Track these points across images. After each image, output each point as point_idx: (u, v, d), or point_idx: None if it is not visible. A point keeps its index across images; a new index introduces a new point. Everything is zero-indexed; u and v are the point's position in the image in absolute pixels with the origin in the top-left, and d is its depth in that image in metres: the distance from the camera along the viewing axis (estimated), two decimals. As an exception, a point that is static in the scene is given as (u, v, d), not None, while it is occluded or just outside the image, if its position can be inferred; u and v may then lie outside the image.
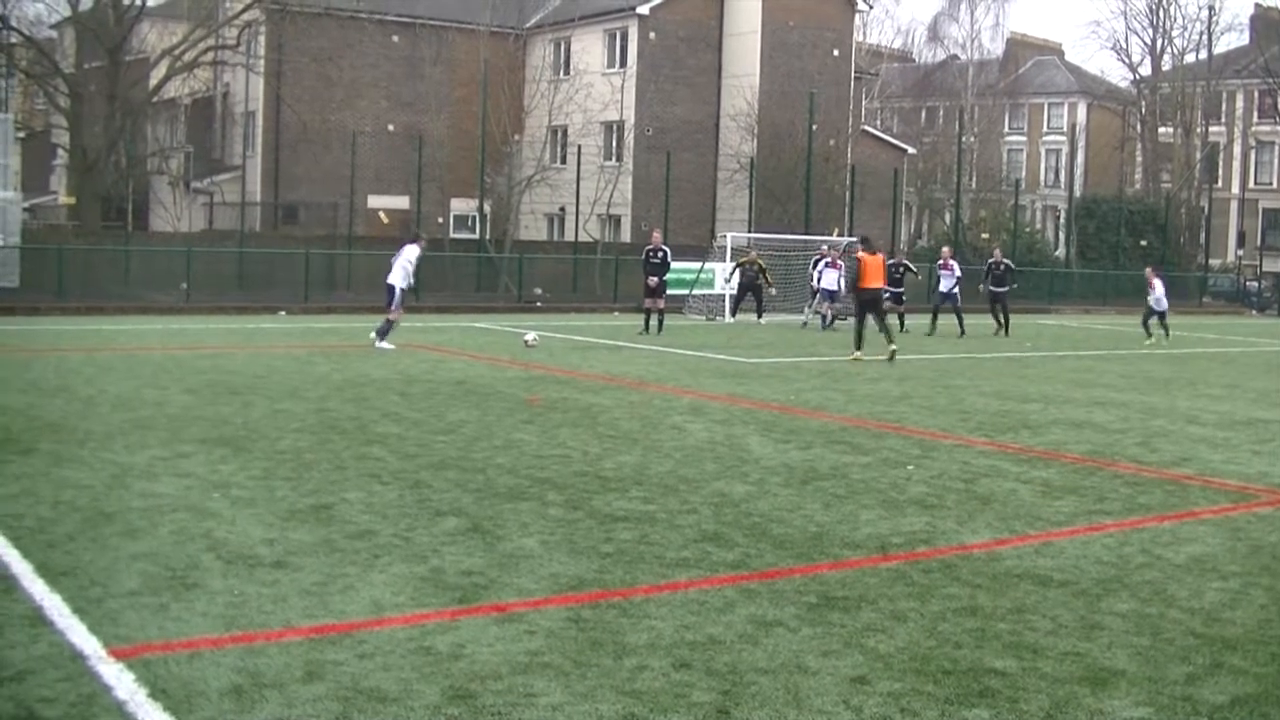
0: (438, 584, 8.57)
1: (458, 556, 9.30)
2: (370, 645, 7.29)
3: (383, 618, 7.82)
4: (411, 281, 28.22)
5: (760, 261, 40.00)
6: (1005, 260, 38.72)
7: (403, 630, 7.59)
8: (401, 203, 54.20)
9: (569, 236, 54.21)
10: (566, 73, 59.55)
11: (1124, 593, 8.93)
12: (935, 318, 37.27)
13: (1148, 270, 37.60)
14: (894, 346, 26.87)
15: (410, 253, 27.39)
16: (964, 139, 69.22)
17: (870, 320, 27.41)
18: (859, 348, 26.60)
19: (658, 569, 9.15)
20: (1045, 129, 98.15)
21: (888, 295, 37.94)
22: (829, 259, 37.95)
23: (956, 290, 36.97)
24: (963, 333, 35.55)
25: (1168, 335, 36.48)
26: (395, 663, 7.03)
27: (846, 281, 38.94)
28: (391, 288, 27.13)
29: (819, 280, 38.18)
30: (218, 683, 6.64)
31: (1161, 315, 36.59)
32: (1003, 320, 37.14)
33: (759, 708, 6.59)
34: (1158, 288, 36.24)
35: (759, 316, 39.95)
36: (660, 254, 32.70)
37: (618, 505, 11.21)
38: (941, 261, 38.20)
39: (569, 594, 8.44)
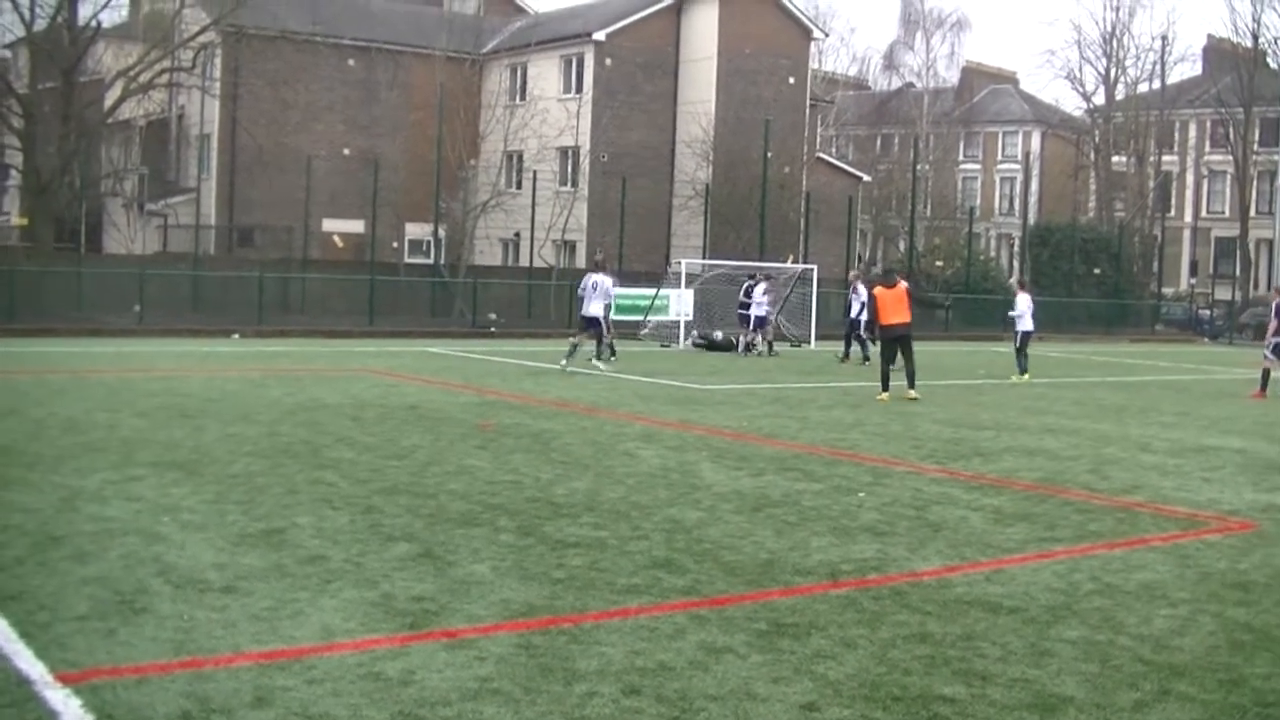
0: (388, 610, 8.55)
1: (408, 582, 9.27)
2: (320, 671, 7.26)
3: (333, 643, 7.79)
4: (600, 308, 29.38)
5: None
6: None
7: (352, 656, 7.56)
8: (356, 226, 54.07)
9: (524, 262, 54.22)
10: (522, 98, 59.57)
11: (1073, 620, 8.97)
12: (849, 344, 35.89)
13: (1017, 285, 33.93)
14: (914, 394, 24.48)
15: (606, 283, 29.25)
16: (919, 167, 69.52)
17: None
18: (885, 389, 24.68)
19: (608, 595, 9.14)
20: (1000, 157, 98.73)
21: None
22: (766, 285, 37.93)
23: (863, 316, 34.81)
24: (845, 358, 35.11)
25: (1024, 371, 31.35)
26: (345, 689, 7.00)
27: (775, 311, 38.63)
28: (595, 319, 29.01)
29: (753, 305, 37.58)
30: (165, 708, 6.60)
31: (1023, 340, 32.15)
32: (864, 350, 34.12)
33: (708, 734, 6.60)
34: (1019, 305, 32.68)
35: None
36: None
37: (569, 531, 11.20)
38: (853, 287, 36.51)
39: (519, 620, 8.42)
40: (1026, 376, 30.88)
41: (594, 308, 28.91)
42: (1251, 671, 7.98)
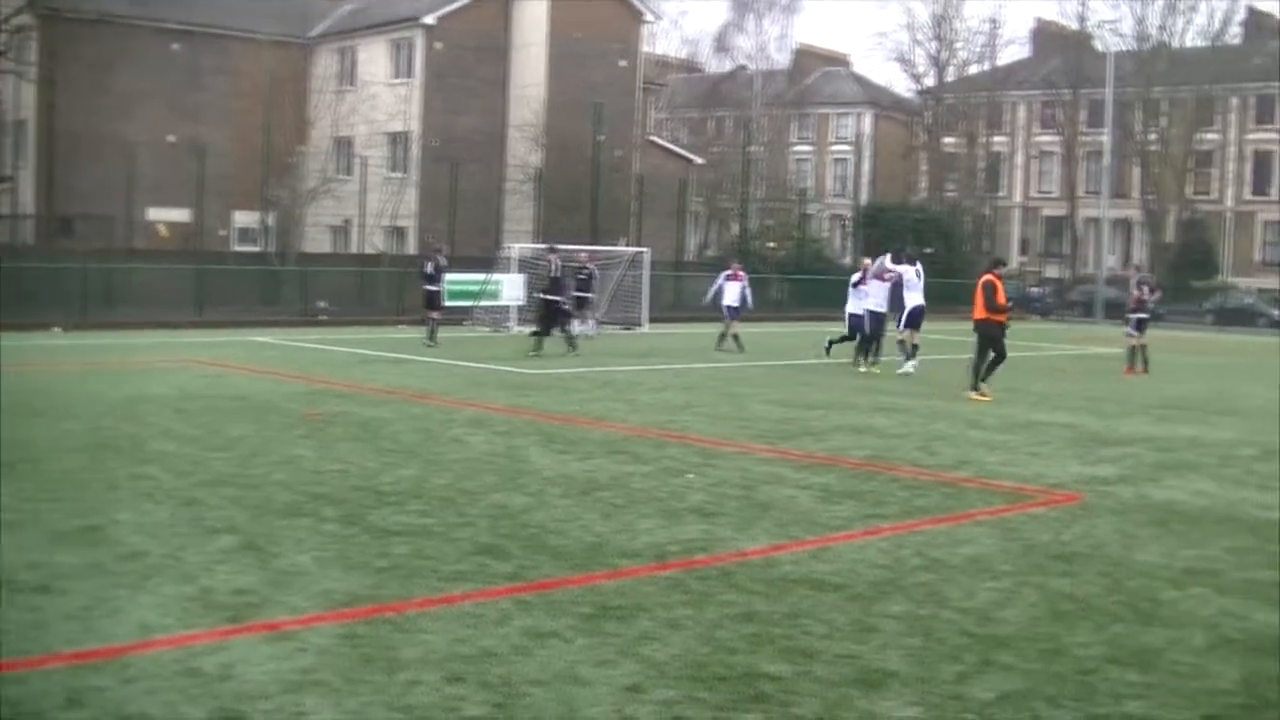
0: (208, 604, 8.40)
1: (230, 575, 9.12)
2: (135, 669, 7.11)
3: (150, 640, 7.63)
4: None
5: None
6: (562, 263, 33.10)
7: (170, 653, 7.41)
8: (182, 215, 53.14)
9: (354, 249, 53.72)
10: (352, 83, 59.05)
11: (898, 595, 9.05)
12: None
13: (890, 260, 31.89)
14: (971, 395, 22.95)
15: (911, 273, 29.07)
16: (751, 149, 69.96)
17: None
18: (974, 387, 23.22)
19: (433, 583, 9.06)
20: (833, 139, 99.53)
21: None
22: (730, 271, 35.76)
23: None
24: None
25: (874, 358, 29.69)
26: (161, 686, 6.86)
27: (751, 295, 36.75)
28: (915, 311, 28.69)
29: (717, 294, 35.32)
30: (-30, 713, 6.43)
31: (910, 321, 30.28)
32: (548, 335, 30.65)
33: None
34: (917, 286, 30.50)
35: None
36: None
37: (394, 519, 11.09)
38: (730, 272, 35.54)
39: (342, 610, 8.32)
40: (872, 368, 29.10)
41: (912, 297, 28.54)
42: (1072, 640, 8.12)
